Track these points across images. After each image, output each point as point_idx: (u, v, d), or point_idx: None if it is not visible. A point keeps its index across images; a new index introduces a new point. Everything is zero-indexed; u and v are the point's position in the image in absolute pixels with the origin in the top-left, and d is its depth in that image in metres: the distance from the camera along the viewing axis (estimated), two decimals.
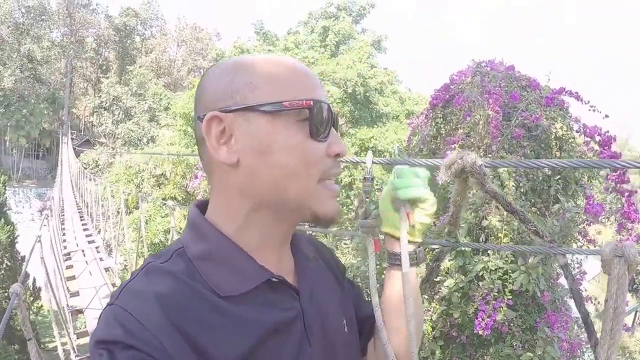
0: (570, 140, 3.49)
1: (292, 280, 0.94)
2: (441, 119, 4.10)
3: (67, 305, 10.75)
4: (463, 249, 3.37)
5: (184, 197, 16.40)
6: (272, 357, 0.82)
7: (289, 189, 0.84)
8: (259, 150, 0.82)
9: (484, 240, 3.44)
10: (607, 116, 3.34)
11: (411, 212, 1.02)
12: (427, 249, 3.90)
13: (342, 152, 0.89)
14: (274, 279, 0.86)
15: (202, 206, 0.94)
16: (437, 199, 1.06)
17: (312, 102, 0.83)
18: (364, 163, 1.18)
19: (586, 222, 3.41)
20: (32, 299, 14.87)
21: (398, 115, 21.97)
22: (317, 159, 0.85)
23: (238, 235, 0.87)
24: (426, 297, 3.65)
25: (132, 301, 0.76)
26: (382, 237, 1.11)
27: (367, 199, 1.15)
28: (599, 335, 1.36)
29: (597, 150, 3.26)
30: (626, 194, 3.13)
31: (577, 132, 3.47)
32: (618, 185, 3.14)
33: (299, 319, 0.89)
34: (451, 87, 4.07)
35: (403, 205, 1.01)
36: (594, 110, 3.40)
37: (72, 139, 43.63)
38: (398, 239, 1.03)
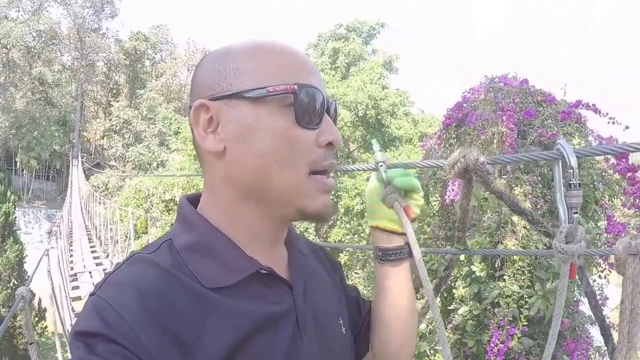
0: (589, 156, 3.36)
1: (286, 276, 0.90)
2: (454, 140, 3.99)
3: (72, 325, 10.66)
4: (479, 274, 3.25)
5: None
6: (262, 351, 0.79)
7: (273, 179, 0.80)
8: (243, 138, 0.79)
9: (499, 265, 3.33)
10: (627, 127, 3.23)
11: (408, 205, 1.02)
12: (436, 257, 3.78)
13: (335, 141, 0.84)
14: (262, 271, 0.83)
15: (193, 199, 0.91)
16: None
17: (296, 87, 0.78)
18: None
19: (607, 244, 3.27)
20: (37, 319, 14.75)
21: (411, 138, 22.04)
22: (305, 148, 0.80)
23: (227, 227, 0.84)
24: None
25: (112, 292, 0.73)
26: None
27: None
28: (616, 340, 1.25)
29: (612, 163, 3.14)
30: None
31: None
32: (637, 201, 3.02)
33: (291, 313, 0.85)
34: (464, 105, 3.96)
35: (397, 200, 1.01)
36: (613, 123, 3.27)
37: (82, 161, 44.00)
38: (391, 232, 1.06)
